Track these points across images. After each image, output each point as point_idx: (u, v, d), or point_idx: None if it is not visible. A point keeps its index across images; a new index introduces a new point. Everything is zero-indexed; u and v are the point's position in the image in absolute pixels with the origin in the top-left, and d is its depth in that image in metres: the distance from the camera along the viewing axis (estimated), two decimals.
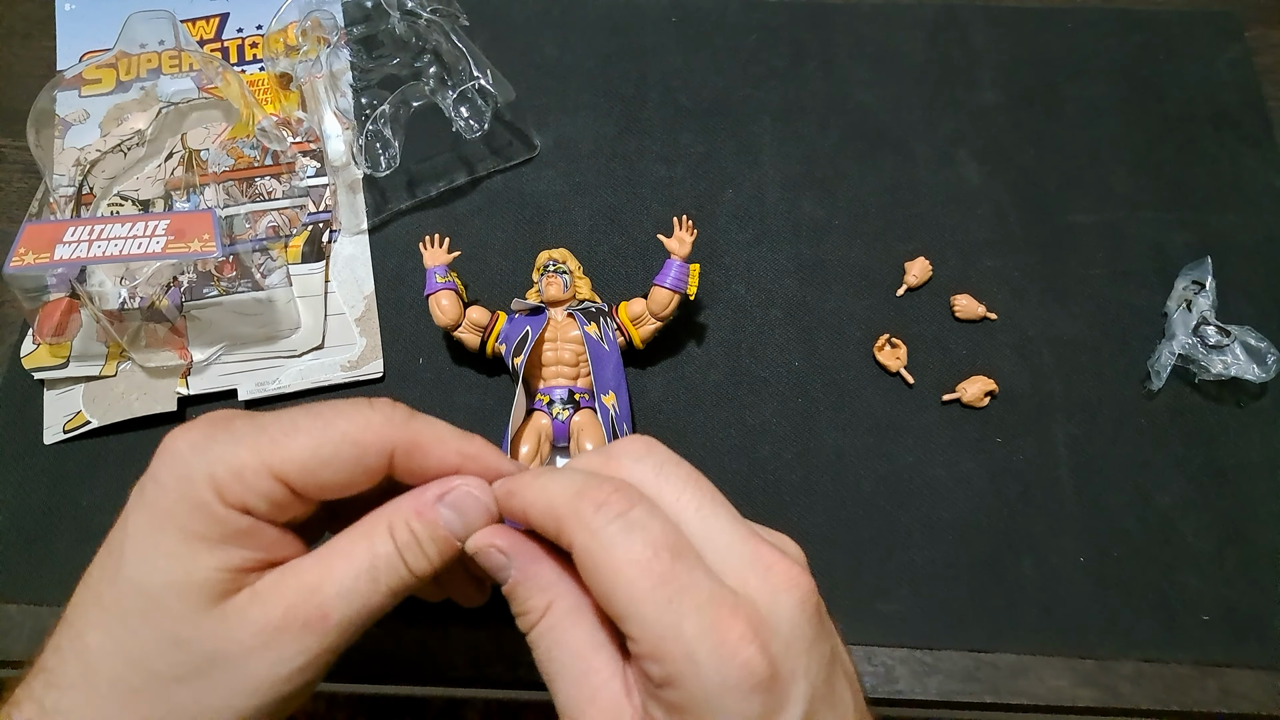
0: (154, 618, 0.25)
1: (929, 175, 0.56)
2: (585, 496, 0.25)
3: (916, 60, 0.60)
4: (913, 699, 0.44)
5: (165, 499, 0.26)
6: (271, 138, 0.55)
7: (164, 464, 0.26)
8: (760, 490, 0.48)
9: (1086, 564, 0.46)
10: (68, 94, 0.57)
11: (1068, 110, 0.58)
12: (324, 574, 0.27)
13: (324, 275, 0.53)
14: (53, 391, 0.50)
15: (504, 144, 0.57)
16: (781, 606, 0.25)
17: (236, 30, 0.60)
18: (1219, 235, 0.54)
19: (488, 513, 0.28)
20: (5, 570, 0.46)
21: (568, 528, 0.25)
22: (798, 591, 0.25)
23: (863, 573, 0.46)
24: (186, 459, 0.26)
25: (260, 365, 0.50)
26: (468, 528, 0.28)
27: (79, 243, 0.45)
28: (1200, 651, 0.44)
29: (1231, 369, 0.47)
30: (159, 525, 0.26)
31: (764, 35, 0.61)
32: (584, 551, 0.25)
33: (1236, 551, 0.46)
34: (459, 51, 0.53)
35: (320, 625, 0.26)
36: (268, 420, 0.27)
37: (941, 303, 0.52)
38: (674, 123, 0.58)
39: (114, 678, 0.25)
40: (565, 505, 0.25)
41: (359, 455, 0.27)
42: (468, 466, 0.29)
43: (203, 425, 0.27)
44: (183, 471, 0.26)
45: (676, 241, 0.47)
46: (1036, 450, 0.48)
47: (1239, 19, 0.61)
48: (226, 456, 0.26)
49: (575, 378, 0.47)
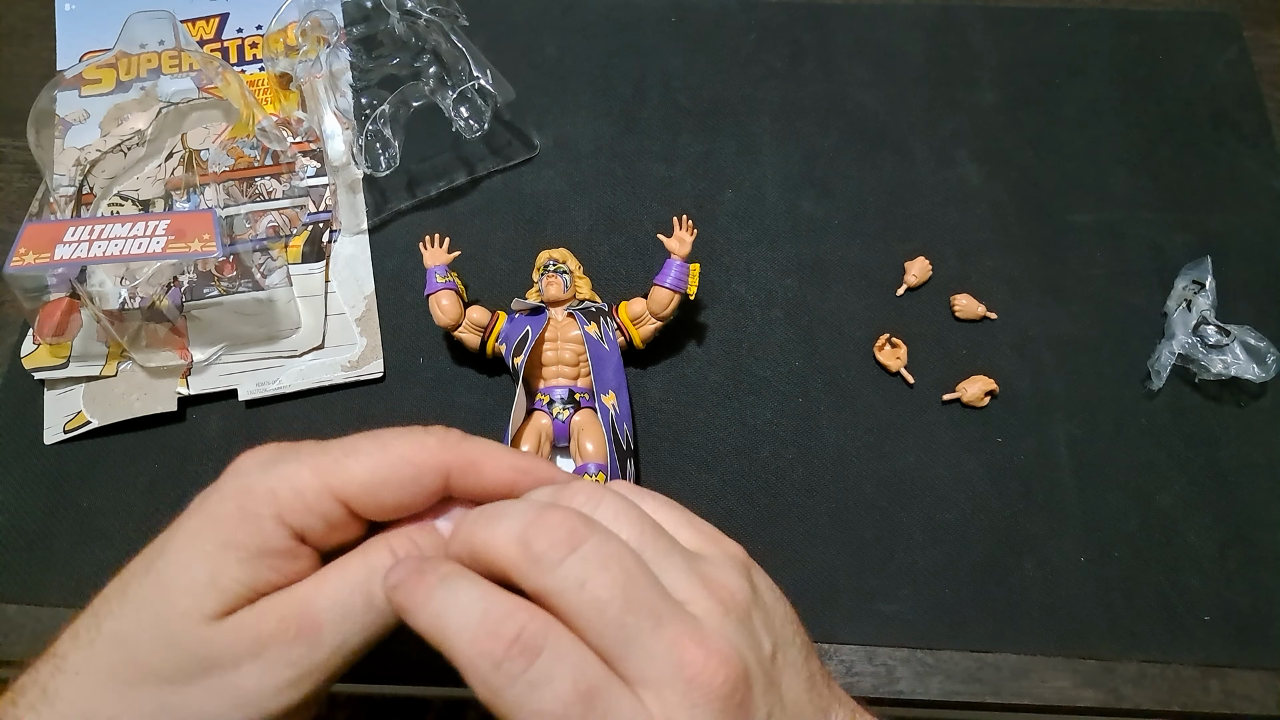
0: (163, 615, 0.26)
1: (928, 175, 0.56)
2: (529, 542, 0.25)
3: (916, 60, 0.60)
4: (914, 699, 0.44)
5: (222, 507, 0.27)
6: (271, 138, 0.55)
7: (230, 477, 0.28)
8: (761, 491, 0.48)
9: (1088, 564, 0.46)
10: (68, 94, 0.57)
11: (1067, 110, 0.58)
12: (319, 585, 0.27)
13: (324, 275, 0.53)
14: (53, 391, 0.50)
15: (504, 144, 0.57)
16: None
17: (236, 30, 0.60)
18: (1219, 235, 0.54)
19: None
20: (5, 571, 0.46)
21: (518, 575, 0.25)
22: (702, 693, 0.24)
23: (864, 573, 0.46)
24: (251, 473, 0.27)
25: (260, 365, 0.50)
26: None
27: (79, 243, 0.45)
28: (1202, 652, 0.44)
29: (1231, 369, 0.47)
30: (205, 530, 0.27)
31: (763, 35, 0.61)
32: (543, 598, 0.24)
33: (1238, 552, 0.46)
34: (459, 51, 0.53)
35: (312, 635, 0.26)
36: (331, 444, 0.28)
37: (941, 302, 0.52)
38: (673, 123, 0.58)
39: (112, 669, 0.25)
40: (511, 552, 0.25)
41: (416, 475, 0.28)
42: (522, 481, 0.29)
43: (271, 448, 0.29)
44: (245, 484, 0.27)
45: (676, 241, 0.47)
46: (1037, 450, 0.48)
47: (1237, 20, 0.61)
48: (290, 475, 0.27)
49: (575, 377, 0.47)
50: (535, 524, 0.24)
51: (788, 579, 0.46)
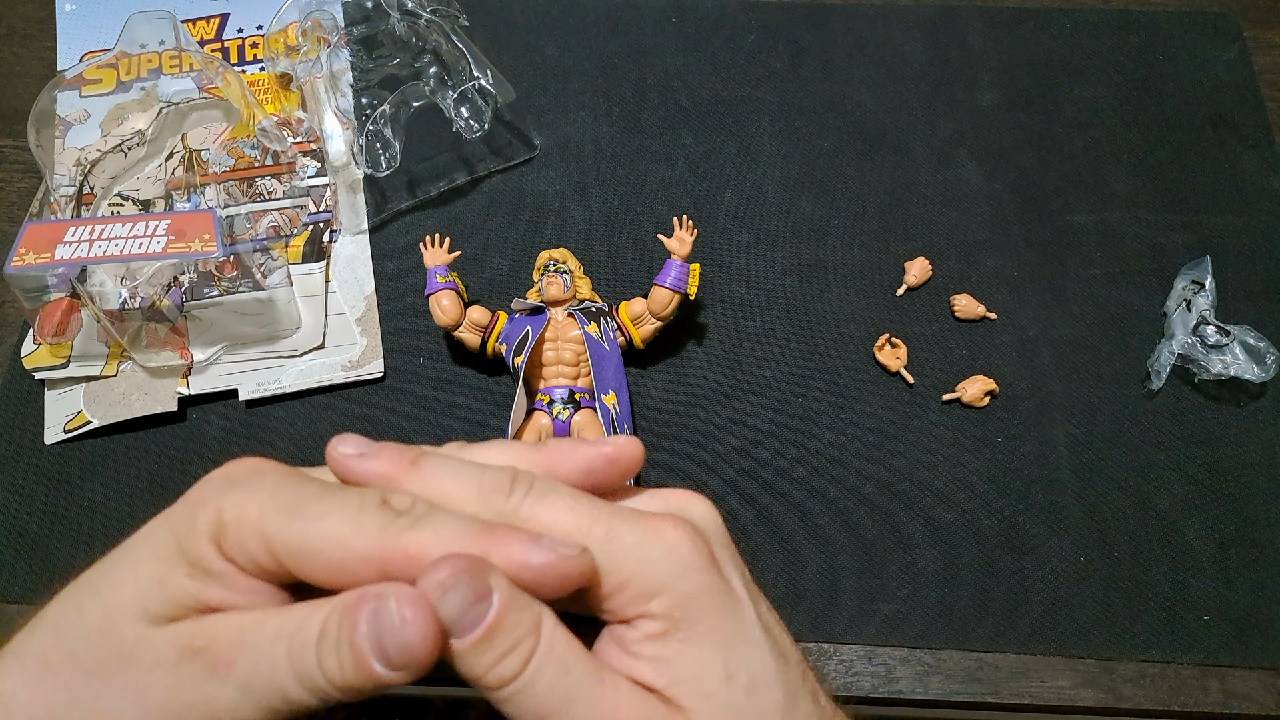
0: (107, 603, 0.25)
1: (928, 175, 0.56)
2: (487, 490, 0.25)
3: (915, 61, 0.60)
4: (914, 699, 0.44)
5: (181, 513, 0.26)
6: (272, 138, 0.55)
7: (199, 485, 0.26)
8: (761, 491, 0.48)
9: (1087, 564, 0.46)
10: (68, 94, 0.57)
11: (1066, 111, 0.58)
12: (260, 621, 0.24)
13: (324, 275, 0.53)
14: (53, 391, 0.50)
15: (504, 144, 0.57)
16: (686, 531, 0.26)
17: (237, 30, 0.60)
18: (1218, 235, 0.54)
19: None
20: (5, 571, 0.46)
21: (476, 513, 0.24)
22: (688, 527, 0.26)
23: (864, 573, 0.46)
24: (214, 484, 0.26)
25: (261, 365, 0.50)
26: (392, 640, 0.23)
27: (79, 243, 0.45)
28: (1202, 652, 0.44)
29: (1231, 369, 0.47)
30: (163, 534, 0.26)
31: (763, 35, 0.61)
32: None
33: (1237, 552, 0.46)
34: (459, 51, 0.53)
35: (222, 670, 0.23)
36: (295, 484, 0.25)
37: (941, 303, 0.52)
38: (673, 123, 0.58)
39: (41, 652, 0.25)
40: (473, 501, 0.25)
41: (341, 562, 0.24)
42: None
43: (250, 465, 0.26)
44: (203, 494, 0.26)
45: (676, 241, 0.47)
46: (1037, 450, 0.48)
47: (1236, 21, 0.61)
48: (238, 503, 0.24)
49: (576, 377, 0.47)
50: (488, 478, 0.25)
51: (788, 579, 0.46)
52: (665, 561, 0.25)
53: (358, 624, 0.22)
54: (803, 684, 0.26)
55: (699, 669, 0.24)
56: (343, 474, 0.26)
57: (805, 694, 0.26)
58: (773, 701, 0.25)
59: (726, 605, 0.25)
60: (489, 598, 0.22)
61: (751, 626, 0.26)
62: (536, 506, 0.25)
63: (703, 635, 0.25)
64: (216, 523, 0.25)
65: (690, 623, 0.25)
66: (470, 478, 0.25)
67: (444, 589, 0.22)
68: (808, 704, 0.26)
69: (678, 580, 0.24)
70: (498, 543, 0.24)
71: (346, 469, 0.26)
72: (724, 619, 0.25)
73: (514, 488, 0.25)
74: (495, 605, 0.22)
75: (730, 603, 0.25)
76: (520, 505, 0.25)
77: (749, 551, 0.44)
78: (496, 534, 0.24)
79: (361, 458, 0.25)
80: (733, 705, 0.24)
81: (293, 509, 0.24)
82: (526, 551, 0.23)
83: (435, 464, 0.25)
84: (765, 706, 0.25)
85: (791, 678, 0.26)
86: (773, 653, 0.25)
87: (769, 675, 0.25)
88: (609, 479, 0.27)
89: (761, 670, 0.25)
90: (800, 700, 0.25)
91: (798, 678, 0.26)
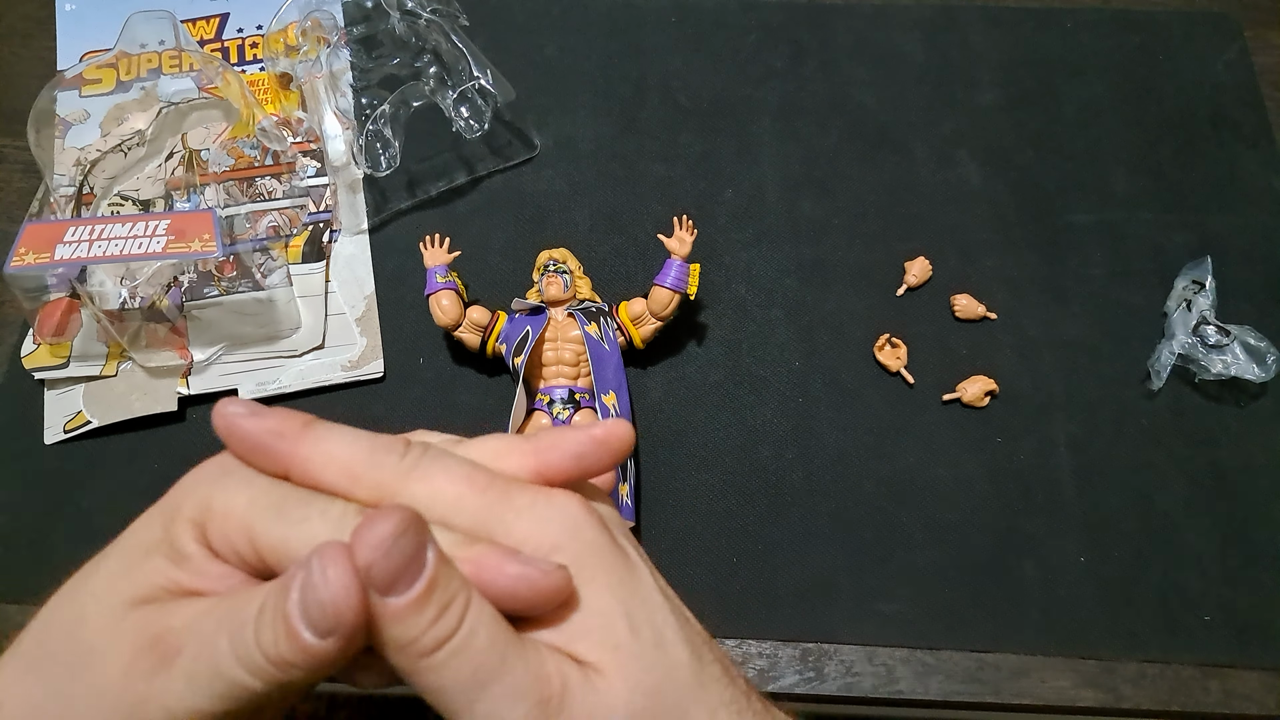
0: (82, 591, 0.25)
1: (929, 175, 0.56)
2: (380, 450, 0.25)
3: (916, 60, 0.60)
4: (914, 699, 0.44)
5: (173, 496, 0.26)
6: (272, 138, 0.55)
7: (193, 470, 0.26)
8: (761, 491, 0.48)
9: (1088, 564, 0.46)
10: (68, 94, 0.57)
11: (1066, 111, 0.58)
12: (211, 608, 0.23)
13: (324, 275, 0.53)
14: (53, 391, 0.50)
15: (504, 144, 0.57)
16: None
17: (236, 30, 0.60)
18: (1218, 235, 0.54)
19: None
20: (5, 571, 0.46)
21: (370, 481, 0.24)
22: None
23: (864, 573, 0.46)
24: (209, 473, 0.25)
25: (261, 365, 0.50)
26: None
27: (79, 243, 0.45)
28: (1202, 652, 0.44)
29: (1231, 369, 0.47)
30: (158, 513, 0.26)
31: (763, 35, 0.61)
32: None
33: (1238, 552, 0.46)
34: (459, 51, 0.53)
35: (168, 656, 0.23)
36: (285, 483, 0.25)
37: (941, 303, 0.52)
38: (673, 123, 0.58)
39: (29, 648, 0.25)
40: (363, 464, 0.24)
41: None
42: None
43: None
44: (195, 479, 0.26)
45: (677, 241, 0.47)
46: (1037, 450, 0.48)
47: (1236, 20, 0.61)
48: (231, 493, 0.25)
49: (576, 377, 0.47)
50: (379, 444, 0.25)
51: (788, 579, 0.46)
52: (559, 521, 0.24)
53: (289, 591, 0.22)
54: (707, 647, 0.25)
55: (600, 619, 0.24)
56: (229, 432, 0.25)
57: (712, 659, 0.25)
58: (682, 658, 0.24)
59: (623, 563, 0.25)
60: (424, 553, 0.22)
61: (649, 586, 0.25)
62: (431, 467, 0.25)
63: (601, 588, 0.24)
64: (204, 508, 0.24)
65: (588, 577, 0.24)
66: (362, 439, 0.25)
67: (381, 545, 0.22)
68: (716, 669, 0.25)
69: (571, 539, 0.24)
70: (477, 556, 0.23)
71: (233, 426, 0.25)
72: (621, 575, 0.25)
73: (408, 450, 0.25)
74: (431, 559, 0.22)
75: (625, 562, 0.25)
76: (414, 466, 0.24)
77: (749, 551, 0.44)
78: (477, 548, 0.24)
79: (251, 416, 0.25)
80: (644, 659, 0.24)
81: (279, 509, 0.24)
82: (502, 563, 0.23)
83: (327, 427, 0.26)
84: (675, 662, 0.24)
85: (695, 639, 0.25)
86: (674, 612, 0.25)
87: (673, 632, 0.24)
88: (600, 461, 0.27)
89: (665, 626, 0.24)
90: (708, 664, 0.25)
91: (701, 640, 0.25)
